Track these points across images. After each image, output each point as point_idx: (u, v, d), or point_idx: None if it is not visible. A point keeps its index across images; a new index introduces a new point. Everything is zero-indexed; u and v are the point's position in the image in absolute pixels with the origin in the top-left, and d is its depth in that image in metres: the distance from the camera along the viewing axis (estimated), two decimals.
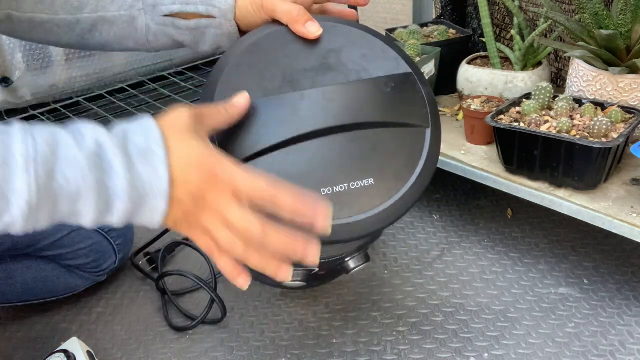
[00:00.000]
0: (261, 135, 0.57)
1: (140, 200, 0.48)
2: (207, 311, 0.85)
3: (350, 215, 0.56)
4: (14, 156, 0.45)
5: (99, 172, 0.47)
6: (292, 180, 0.54)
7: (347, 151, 0.58)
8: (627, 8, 0.84)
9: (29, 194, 0.45)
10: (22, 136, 0.46)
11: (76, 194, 0.47)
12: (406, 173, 0.59)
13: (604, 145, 0.77)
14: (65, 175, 0.46)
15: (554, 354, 0.79)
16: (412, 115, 0.62)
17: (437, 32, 1.16)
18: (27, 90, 1.53)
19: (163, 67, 1.76)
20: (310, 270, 0.75)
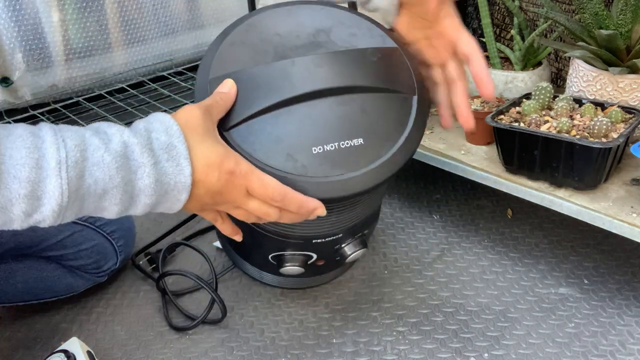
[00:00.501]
0: (254, 99, 0.59)
1: (165, 193, 0.53)
2: (207, 311, 0.85)
3: (341, 172, 0.58)
4: (47, 160, 0.47)
5: (125, 171, 0.50)
6: (284, 139, 0.58)
7: (337, 113, 0.60)
8: (627, 8, 0.84)
9: (60, 196, 0.48)
10: (54, 140, 0.48)
11: (103, 193, 0.50)
12: (395, 135, 0.61)
13: (604, 145, 0.77)
14: (94, 177, 0.49)
15: (554, 354, 0.79)
16: (398, 83, 0.64)
17: None
18: (27, 90, 1.53)
19: (163, 67, 1.76)
20: (309, 256, 0.76)
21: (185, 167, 0.52)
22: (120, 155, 0.50)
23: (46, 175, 0.47)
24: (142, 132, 0.52)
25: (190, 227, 1.10)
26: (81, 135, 0.50)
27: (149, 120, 0.54)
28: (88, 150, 0.50)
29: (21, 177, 0.47)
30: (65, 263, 0.88)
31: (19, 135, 0.48)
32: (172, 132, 0.53)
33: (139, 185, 0.51)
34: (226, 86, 0.60)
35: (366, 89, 0.62)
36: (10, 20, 1.45)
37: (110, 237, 0.90)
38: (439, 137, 1.00)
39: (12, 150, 0.47)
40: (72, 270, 0.89)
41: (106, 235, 0.90)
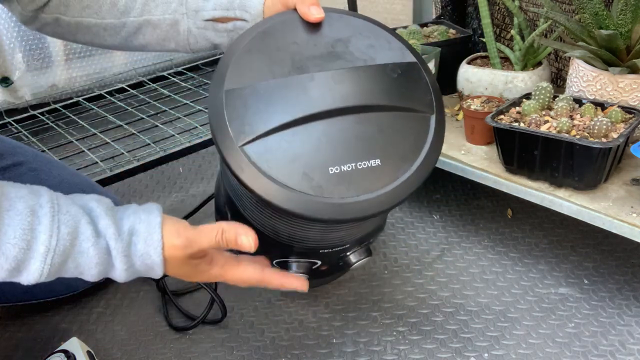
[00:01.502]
0: (270, 114, 0.58)
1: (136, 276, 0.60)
2: (207, 311, 0.85)
3: (357, 194, 0.57)
4: (37, 244, 0.52)
5: (103, 266, 0.56)
6: (301, 157, 0.57)
7: (354, 132, 0.59)
8: (627, 8, 0.84)
9: (40, 276, 0.54)
10: (49, 225, 0.53)
11: (80, 274, 0.57)
12: (412, 156, 0.60)
13: (604, 145, 0.77)
14: (76, 262, 0.55)
15: (554, 354, 0.79)
16: (417, 101, 0.63)
17: (437, 32, 1.16)
18: (27, 90, 1.53)
19: (163, 67, 1.76)
20: (313, 262, 0.75)
21: (158, 270, 0.59)
22: (103, 252, 0.56)
23: (32, 257, 0.53)
24: (125, 236, 0.57)
25: None
26: (77, 221, 0.55)
27: (139, 218, 0.58)
28: (78, 238, 0.55)
29: (9, 255, 0.52)
30: None
31: (20, 212, 0.52)
32: (151, 242, 0.58)
33: (113, 275, 0.59)
34: (245, 243, 0.61)
35: (385, 107, 0.61)
36: (10, 20, 1.45)
37: None
38: None
39: (8, 227, 0.51)
40: None
41: None
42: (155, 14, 0.75)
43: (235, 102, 0.59)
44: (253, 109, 0.59)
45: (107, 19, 0.76)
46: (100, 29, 0.76)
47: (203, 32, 0.76)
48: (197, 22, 0.75)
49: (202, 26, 0.75)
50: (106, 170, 1.20)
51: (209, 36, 0.76)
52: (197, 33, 0.76)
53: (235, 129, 0.58)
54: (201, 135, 1.35)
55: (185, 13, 0.75)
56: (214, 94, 0.60)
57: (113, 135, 1.43)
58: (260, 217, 0.67)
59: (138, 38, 0.77)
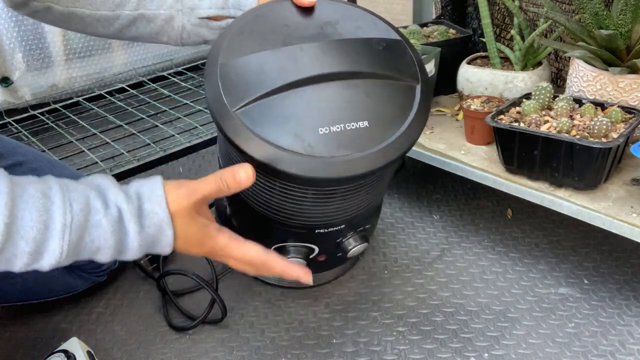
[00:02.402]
0: (262, 81, 0.61)
1: (149, 249, 0.60)
2: (208, 311, 0.85)
3: (347, 153, 0.59)
4: (54, 222, 0.53)
5: (118, 234, 0.57)
6: (292, 119, 0.60)
7: (343, 96, 0.62)
8: (627, 8, 0.84)
9: (60, 254, 0.54)
10: (62, 204, 0.54)
11: (97, 250, 0.57)
12: (399, 120, 0.63)
13: (604, 145, 0.77)
14: (92, 236, 0.56)
15: (554, 354, 0.79)
16: (402, 72, 0.66)
17: (437, 32, 1.16)
18: (27, 90, 1.53)
19: (163, 67, 1.76)
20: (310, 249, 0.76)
21: (167, 231, 0.59)
22: (116, 221, 0.56)
23: (50, 236, 0.53)
24: (133, 198, 0.58)
25: None
26: (86, 197, 0.56)
27: (141, 183, 0.60)
28: (90, 213, 0.56)
29: (28, 237, 0.52)
30: None
31: (32, 195, 0.53)
32: (155, 198, 0.58)
33: (127, 245, 0.58)
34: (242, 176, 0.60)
35: (371, 75, 0.64)
36: (10, 20, 1.45)
37: None
38: (439, 137, 1.00)
39: (24, 212, 0.52)
40: (71, 270, 0.89)
41: None
42: (150, 9, 0.77)
43: (228, 73, 0.63)
44: (245, 78, 0.62)
45: (101, 10, 0.77)
46: (93, 20, 0.77)
47: (197, 29, 0.78)
48: (192, 19, 0.77)
49: (197, 23, 0.77)
50: (106, 170, 1.20)
51: (202, 33, 0.78)
52: (191, 29, 0.78)
53: (229, 96, 0.61)
54: (201, 135, 1.35)
55: (181, 10, 0.77)
56: (209, 67, 0.64)
57: (113, 135, 1.43)
58: (256, 193, 0.69)
59: (131, 30, 0.79)
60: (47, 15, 0.77)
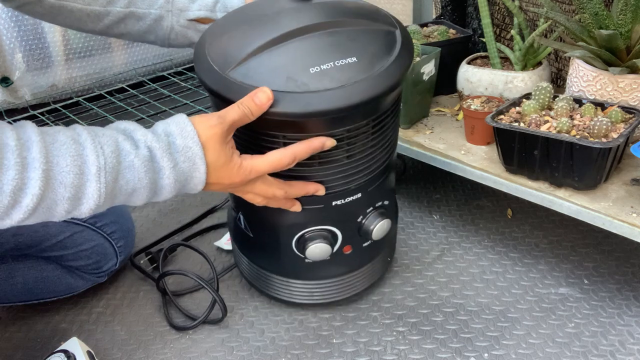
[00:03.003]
0: (248, 43, 0.64)
1: (182, 187, 0.60)
2: (209, 311, 0.85)
3: (340, 84, 0.62)
4: (88, 166, 0.54)
5: (151, 173, 0.57)
6: (282, 67, 0.62)
7: (328, 42, 0.65)
8: (627, 8, 0.84)
9: (98, 197, 0.55)
10: (93, 148, 0.54)
11: (132, 191, 0.57)
12: (385, 55, 0.66)
13: (604, 145, 0.77)
14: (126, 178, 0.56)
15: (554, 354, 0.79)
16: (380, 21, 0.70)
17: (437, 32, 1.16)
18: (27, 90, 1.53)
19: (163, 67, 1.76)
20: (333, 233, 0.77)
21: (201, 166, 0.59)
22: (147, 159, 0.57)
23: (87, 180, 0.54)
24: (162, 137, 0.58)
25: (191, 228, 1.10)
26: (115, 140, 0.56)
27: (168, 122, 0.60)
28: (121, 155, 0.56)
29: (66, 182, 0.53)
30: (65, 263, 0.88)
31: (63, 142, 0.54)
32: (187, 133, 0.58)
33: (161, 184, 0.58)
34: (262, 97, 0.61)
35: (352, 22, 0.67)
36: (10, 20, 1.45)
37: (110, 237, 0.90)
38: (439, 137, 1.00)
39: (58, 158, 0.53)
40: (72, 270, 0.89)
41: (106, 236, 0.90)
42: (141, 7, 0.79)
43: (215, 48, 0.66)
44: (232, 46, 0.66)
45: (92, 5, 0.78)
46: (83, 15, 0.78)
47: (185, 31, 0.81)
48: (181, 20, 0.80)
49: (185, 25, 0.80)
50: None
51: (190, 35, 0.81)
52: (179, 31, 0.81)
53: (218, 64, 0.64)
54: None
55: (171, 11, 0.79)
56: (197, 50, 0.68)
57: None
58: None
59: (119, 27, 0.80)
60: (37, 7, 0.78)
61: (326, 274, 0.82)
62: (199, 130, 0.59)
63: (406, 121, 1.02)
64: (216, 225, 1.09)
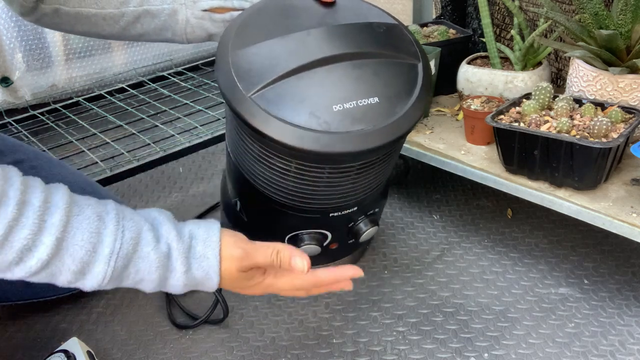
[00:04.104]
0: (274, 66, 0.64)
1: (193, 288, 0.61)
2: (211, 311, 0.85)
3: (361, 127, 0.62)
4: (102, 247, 0.54)
5: (164, 270, 0.58)
6: (306, 99, 0.63)
7: (352, 75, 0.65)
8: (627, 8, 0.84)
9: (103, 279, 0.55)
10: (114, 229, 0.55)
11: (140, 280, 0.58)
12: (406, 95, 0.67)
13: (604, 145, 0.77)
14: (137, 267, 0.57)
15: (554, 354, 0.79)
16: (404, 51, 0.70)
17: (437, 32, 1.16)
18: (27, 90, 1.53)
19: (163, 67, 1.76)
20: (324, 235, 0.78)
21: (214, 278, 0.60)
22: (164, 256, 0.57)
23: (96, 260, 0.54)
24: (186, 238, 0.59)
25: None
26: (139, 227, 0.57)
27: (198, 223, 0.61)
28: (140, 244, 0.57)
29: (76, 256, 0.53)
30: None
31: (88, 217, 0.55)
32: (210, 243, 0.59)
33: (170, 283, 0.59)
34: (299, 265, 0.61)
35: (377, 54, 0.67)
36: (10, 20, 1.45)
37: None
38: (439, 137, 1.00)
39: (76, 231, 0.53)
40: None
41: None
42: (154, 4, 0.78)
43: (240, 61, 0.65)
44: (258, 64, 0.65)
45: (106, 8, 0.78)
46: (99, 19, 0.78)
47: (200, 22, 0.79)
48: (195, 12, 0.79)
49: (200, 16, 0.79)
50: (106, 170, 1.20)
51: (206, 26, 0.80)
52: (195, 23, 0.79)
53: (243, 82, 0.63)
54: (201, 135, 1.35)
55: (184, 3, 0.78)
56: (220, 57, 0.67)
57: (113, 135, 1.43)
58: (271, 179, 0.70)
59: (136, 27, 0.80)
60: (55, 18, 0.78)
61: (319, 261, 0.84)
62: (223, 245, 0.60)
63: None
64: None
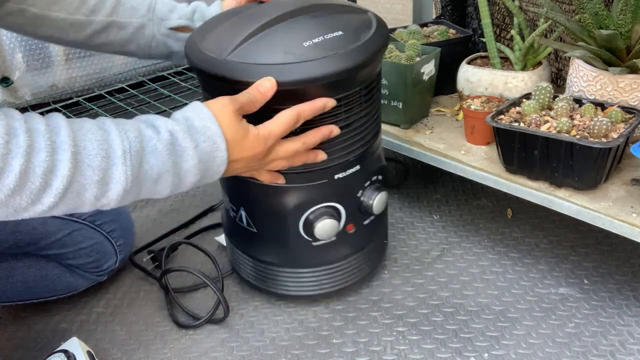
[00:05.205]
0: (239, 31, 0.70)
1: (207, 169, 0.61)
2: (213, 311, 0.85)
3: (334, 52, 0.68)
4: (114, 150, 0.55)
5: (174, 156, 0.59)
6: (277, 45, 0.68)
7: (314, 22, 0.72)
8: (627, 8, 0.84)
9: (125, 180, 0.56)
10: (118, 133, 0.56)
11: (158, 177, 0.58)
12: (366, 28, 0.74)
13: (604, 145, 0.77)
14: (150, 163, 0.57)
15: (554, 354, 0.79)
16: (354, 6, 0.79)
17: (437, 32, 1.16)
18: (27, 90, 1.53)
19: (163, 67, 1.76)
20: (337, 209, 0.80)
21: (221, 143, 0.61)
22: (169, 143, 0.58)
23: (113, 163, 0.55)
24: (181, 121, 0.60)
25: (190, 227, 1.10)
26: (137, 127, 0.58)
27: (184, 109, 0.62)
28: (144, 140, 0.57)
29: (94, 165, 0.54)
30: (64, 262, 0.88)
31: (89, 128, 0.55)
32: (204, 115, 0.61)
33: (185, 167, 0.60)
34: (267, 84, 0.65)
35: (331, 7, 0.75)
36: None
37: (110, 236, 0.90)
38: (439, 137, 1.00)
39: (85, 142, 0.54)
40: (71, 269, 0.89)
41: (105, 234, 0.90)
42: (123, 17, 0.82)
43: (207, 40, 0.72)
44: (224, 36, 0.71)
45: (75, 15, 0.80)
46: (66, 24, 0.80)
47: (165, 39, 0.84)
48: (162, 29, 0.83)
49: (166, 33, 0.84)
50: None
51: (170, 43, 0.85)
52: (160, 39, 0.84)
53: (215, 52, 0.69)
54: None
55: (152, 19, 0.83)
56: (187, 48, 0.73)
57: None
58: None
59: (101, 37, 0.82)
60: (19, 19, 0.78)
61: (334, 257, 0.84)
62: (214, 111, 0.61)
63: (406, 121, 1.02)
64: (215, 225, 1.09)
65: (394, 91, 0.99)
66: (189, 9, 0.85)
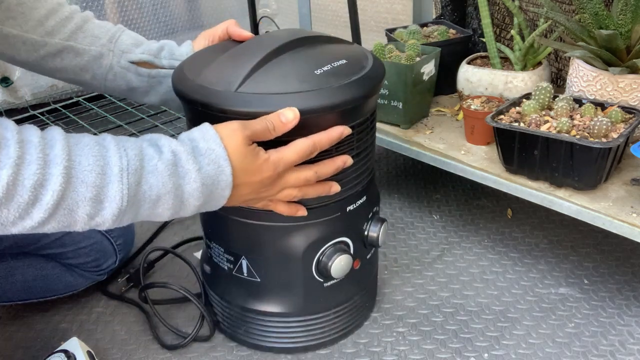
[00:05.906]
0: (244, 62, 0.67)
1: (210, 193, 0.58)
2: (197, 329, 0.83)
3: (346, 80, 0.67)
4: (110, 167, 0.53)
5: (175, 177, 0.56)
6: (289, 74, 0.66)
7: (316, 52, 0.72)
8: (627, 8, 0.84)
9: (121, 200, 0.53)
10: (117, 149, 0.54)
11: (157, 199, 0.56)
12: (364, 58, 0.74)
13: (604, 145, 0.77)
14: (149, 183, 0.55)
15: (554, 354, 0.79)
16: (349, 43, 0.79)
17: (437, 32, 1.16)
18: (27, 90, 1.53)
19: None
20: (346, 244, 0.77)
21: (226, 167, 0.58)
22: (171, 164, 0.55)
23: (109, 181, 0.53)
24: (186, 141, 0.58)
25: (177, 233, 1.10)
26: (139, 145, 0.56)
27: (190, 130, 0.60)
28: (145, 159, 0.55)
29: (88, 181, 0.51)
30: (64, 261, 0.88)
31: (86, 144, 0.53)
32: (209, 136, 0.58)
33: (188, 190, 0.57)
34: (289, 115, 0.61)
35: (319, 38, 0.74)
36: None
37: (109, 235, 0.90)
38: (439, 137, 1.00)
39: (80, 157, 0.52)
40: (71, 268, 0.89)
41: (105, 233, 0.90)
42: (81, 43, 0.77)
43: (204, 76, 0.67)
44: (227, 69, 0.68)
45: (29, 33, 0.75)
46: (18, 42, 0.75)
47: (124, 72, 0.79)
48: (122, 61, 0.78)
49: (126, 66, 0.79)
50: None
51: (129, 77, 0.79)
52: (118, 72, 0.79)
53: (221, 85, 0.65)
54: None
55: (112, 50, 0.78)
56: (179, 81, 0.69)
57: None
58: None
59: (55, 60, 0.77)
60: None
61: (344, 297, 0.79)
62: (222, 134, 0.58)
63: (406, 121, 1.02)
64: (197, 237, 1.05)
65: (394, 91, 0.99)
66: (156, 46, 0.80)
